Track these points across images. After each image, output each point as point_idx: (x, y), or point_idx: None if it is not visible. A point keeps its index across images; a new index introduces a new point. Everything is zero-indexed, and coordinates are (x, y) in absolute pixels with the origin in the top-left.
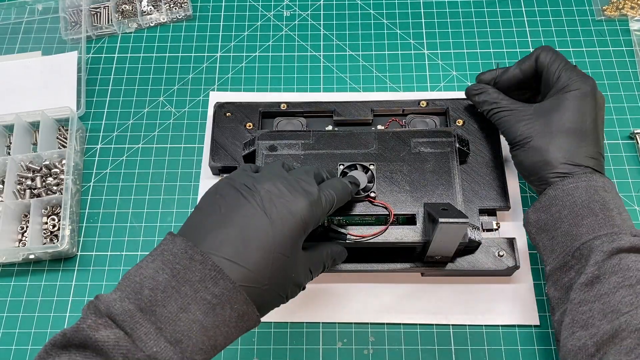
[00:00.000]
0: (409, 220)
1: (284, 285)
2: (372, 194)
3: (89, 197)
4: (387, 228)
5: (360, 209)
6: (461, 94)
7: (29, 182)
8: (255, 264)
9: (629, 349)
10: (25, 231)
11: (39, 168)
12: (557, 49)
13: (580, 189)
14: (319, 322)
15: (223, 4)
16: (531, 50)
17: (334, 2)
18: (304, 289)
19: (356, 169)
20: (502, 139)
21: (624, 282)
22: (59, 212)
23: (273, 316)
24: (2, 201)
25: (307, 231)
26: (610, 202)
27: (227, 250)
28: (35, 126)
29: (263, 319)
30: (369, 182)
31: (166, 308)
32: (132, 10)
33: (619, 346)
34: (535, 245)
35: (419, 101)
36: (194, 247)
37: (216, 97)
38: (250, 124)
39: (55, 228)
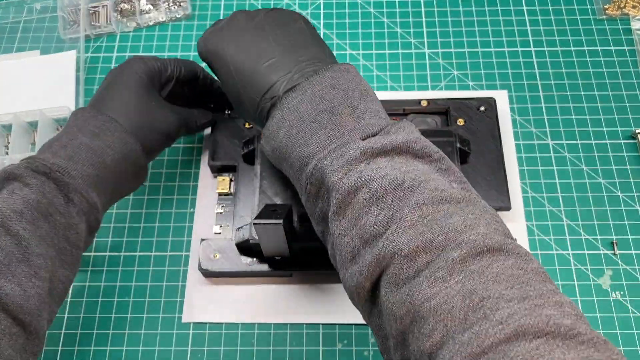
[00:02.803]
0: None
1: (149, 113)
2: None
3: None
4: None
5: None
6: (462, 93)
7: None
8: (111, 100)
9: (396, 279)
10: None
11: None
12: (559, 48)
13: (305, 101)
14: (319, 323)
15: (222, 3)
16: (532, 49)
17: (334, 1)
18: (185, 128)
19: None
20: (504, 138)
21: (372, 197)
22: None
23: (273, 317)
24: None
25: (149, 76)
26: (340, 103)
27: (92, 103)
28: (33, 126)
29: (262, 320)
30: None
31: (59, 141)
32: (131, 9)
33: (386, 275)
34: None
35: (419, 100)
36: (79, 108)
37: None
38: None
39: None
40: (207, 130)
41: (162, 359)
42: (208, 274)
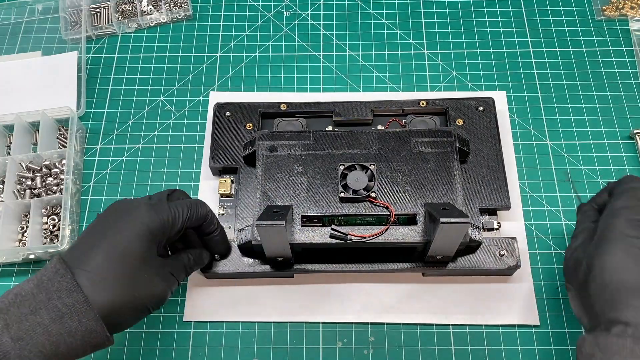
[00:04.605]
0: (410, 220)
1: (135, 290)
2: (373, 194)
3: (89, 197)
4: (387, 228)
5: (361, 209)
6: (461, 94)
7: (29, 182)
8: (100, 268)
9: None
10: (25, 231)
11: (39, 168)
12: (557, 49)
13: None
14: (319, 322)
15: (223, 4)
16: (530, 50)
17: (334, 2)
18: (172, 293)
19: (355, 169)
20: (503, 138)
21: None
22: (59, 212)
23: (273, 316)
24: (2, 201)
25: (155, 235)
26: None
27: (80, 258)
28: (35, 126)
29: (262, 319)
30: (369, 181)
31: (19, 309)
32: (132, 10)
33: None
34: None
35: (418, 101)
36: (62, 261)
37: (216, 97)
38: (250, 125)
39: (55, 228)
40: (209, 131)
41: (164, 358)
42: (210, 276)
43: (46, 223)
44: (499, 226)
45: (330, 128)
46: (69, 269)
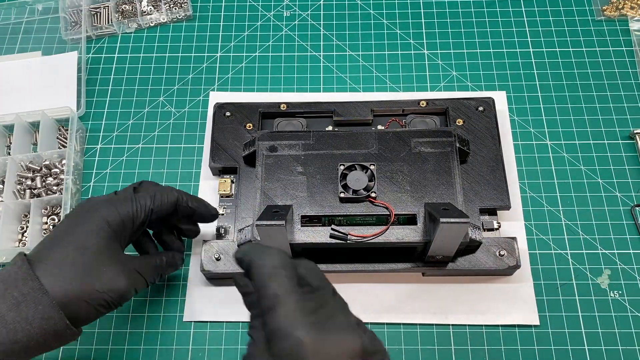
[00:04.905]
0: (410, 220)
1: (92, 282)
2: (373, 194)
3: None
4: (387, 228)
5: (361, 209)
6: (461, 94)
7: (29, 182)
8: (56, 259)
9: None
10: (25, 231)
11: (39, 168)
12: (557, 49)
13: None
14: None
15: (223, 4)
16: (530, 50)
17: (334, 2)
18: (137, 291)
19: (355, 169)
20: (503, 138)
21: None
22: (59, 212)
23: None
24: (2, 201)
25: (115, 230)
26: None
27: (41, 253)
28: (35, 126)
29: None
30: (369, 181)
31: None
32: (132, 10)
33: None
34: None
35: (418, 101)
36: (22, 255)
37: (216, 97)
38: (250, 125)
39: None
40: (209, 131)
41: (164, 358)
42: (210, 276)
43: (46, 223)
44: (499, 226)
45: (330, 128)
46: (27, 261)
